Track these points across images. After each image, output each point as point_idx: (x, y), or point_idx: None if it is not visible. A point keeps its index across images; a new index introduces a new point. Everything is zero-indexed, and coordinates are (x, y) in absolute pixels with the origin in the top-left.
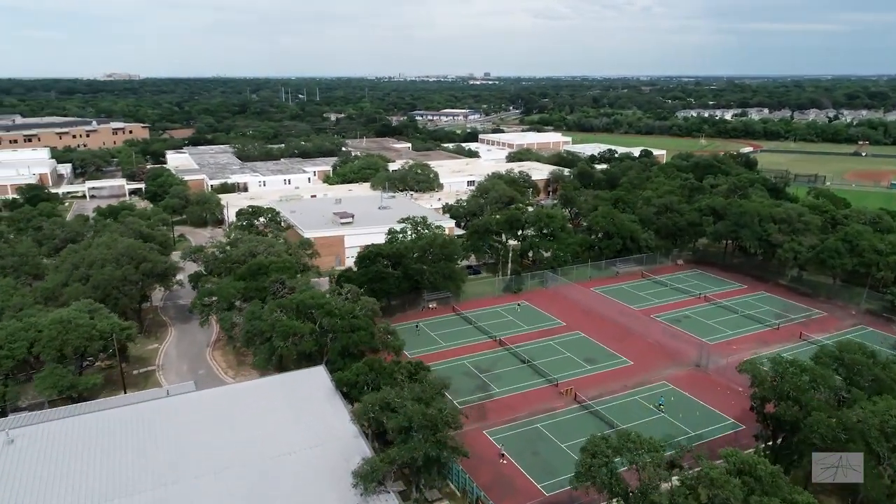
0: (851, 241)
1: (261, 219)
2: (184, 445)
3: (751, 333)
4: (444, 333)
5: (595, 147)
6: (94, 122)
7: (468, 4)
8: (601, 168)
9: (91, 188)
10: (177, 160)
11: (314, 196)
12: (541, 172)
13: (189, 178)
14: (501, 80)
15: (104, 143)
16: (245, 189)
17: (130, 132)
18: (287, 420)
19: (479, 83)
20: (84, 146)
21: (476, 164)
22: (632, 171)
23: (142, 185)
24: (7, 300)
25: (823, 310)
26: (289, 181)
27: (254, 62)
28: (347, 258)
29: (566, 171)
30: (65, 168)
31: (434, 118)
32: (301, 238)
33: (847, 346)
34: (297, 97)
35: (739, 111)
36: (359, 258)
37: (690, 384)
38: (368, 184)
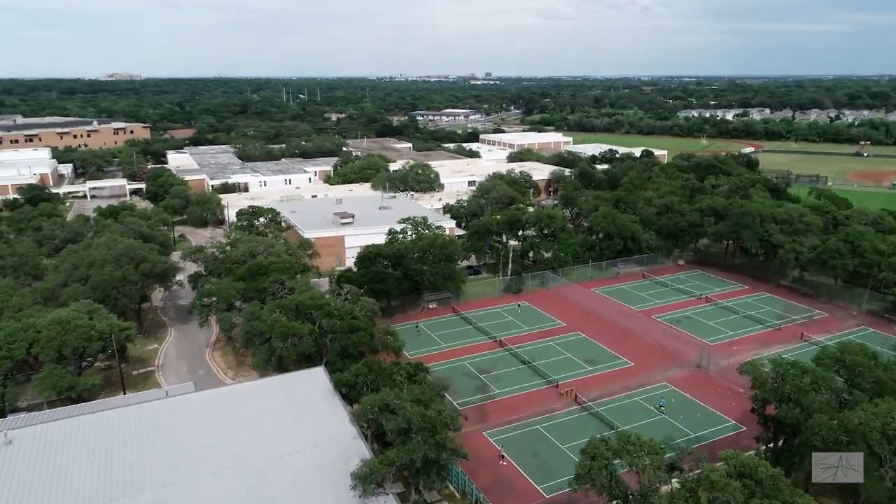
0: (853, 242)
1: (261, 219)
2: (183, 446)
3: (752, 334)
4: (445, 334)
5: (596, 147)
6: (95, 123)
7: (469, 4)
8: (602, 168)
9: (92, 188)
10: (178, 160)
11: (315, 196)
12: (541, 173)
13: (190, 179)
14: (502, 80)
15: (105, 144)
16: (246, 189)
17: (131, 132)
18: (286, 421)
19: (481, 83)
20: (85, 146)
21: (477, 165)
22: (633, 172)
23: (143, 185)
24: (6, 300)
25: (825, 311)
26: (289, 181)
27: (254, 62)
28: (348, 258)
29: (567, 172)
30: (66, 168)
31: (435, 118)
32: (301, 238)
33: (848, 348)
34: (298, 97)
35: (741, 111)
36: (359, 258)
37: (691, 385)
38: (369, 184)
